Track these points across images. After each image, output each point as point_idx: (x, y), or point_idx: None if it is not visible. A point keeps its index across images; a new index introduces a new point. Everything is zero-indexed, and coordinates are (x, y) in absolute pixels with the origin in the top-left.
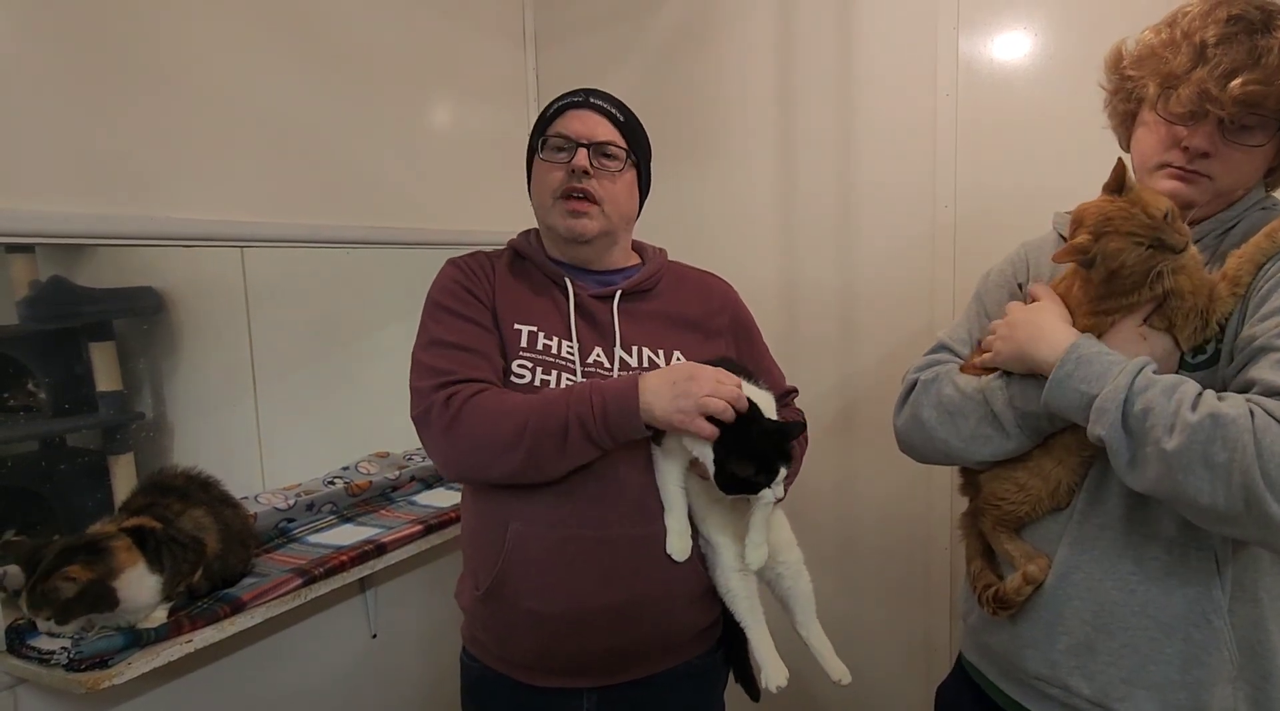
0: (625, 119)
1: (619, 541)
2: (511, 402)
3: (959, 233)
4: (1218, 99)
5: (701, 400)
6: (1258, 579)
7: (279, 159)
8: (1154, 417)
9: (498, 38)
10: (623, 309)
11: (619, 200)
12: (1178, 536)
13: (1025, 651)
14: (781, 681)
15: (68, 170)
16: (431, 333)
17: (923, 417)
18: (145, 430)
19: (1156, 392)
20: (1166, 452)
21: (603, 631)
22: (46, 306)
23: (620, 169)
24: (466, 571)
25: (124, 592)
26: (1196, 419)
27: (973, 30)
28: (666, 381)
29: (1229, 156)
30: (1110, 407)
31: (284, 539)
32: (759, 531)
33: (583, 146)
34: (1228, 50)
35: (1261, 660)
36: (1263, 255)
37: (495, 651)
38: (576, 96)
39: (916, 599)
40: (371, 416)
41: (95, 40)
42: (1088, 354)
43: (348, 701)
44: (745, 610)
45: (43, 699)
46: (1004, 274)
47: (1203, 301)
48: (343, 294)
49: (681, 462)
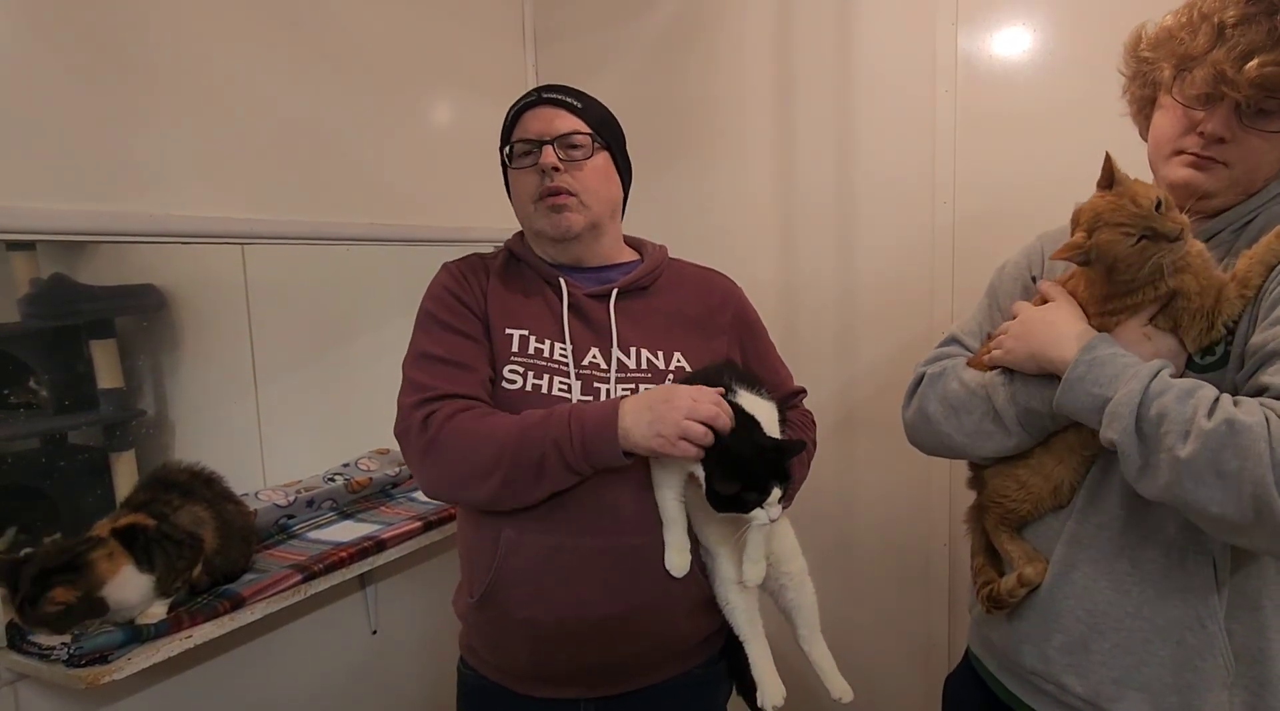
0: (584, 104)
1: (615, 551)
2: (489, 427)
3: (958, 229)
4: (1234, 81)
5: (680, 424)
6: (1261, 587)
7: (280, 156)
8: (1168, 423)
9: (498, 36)
10: (620, 308)
11: (596, 187)
12: (1176, 539)
13: (1022, 646)
14: (778, 700)
15: (69, 167)
16: (419, 345)
17: (928, 411)
18: (146, 427)
19: (1171, 398)
20: (1180, 460)
21: (599, 642)
22: (47, 304)
23: (589, 155)
24: (462, 578)
25: (113, 598)
26: (1212, 426)
27: (972, 26)
28: (644, 406)
29: (1246, 142)
30: (1124, 412)
31: (284, 535)
32: (756, 547)
33: (546, 143)
34: (1246, 31)
35: (1261, 667)
36: (1274, 256)
37: (490, 660)
38: (529, 97)
39: (916, 595)
40: (372, 413)
41: (95, 37)
42: (1102, 355)
43: (347, 697)
44: (744, 623)
45: (43, 694)
46: (1019, 266)
47: (1210, 302)
48: (343, 291)
49: (679, 477)
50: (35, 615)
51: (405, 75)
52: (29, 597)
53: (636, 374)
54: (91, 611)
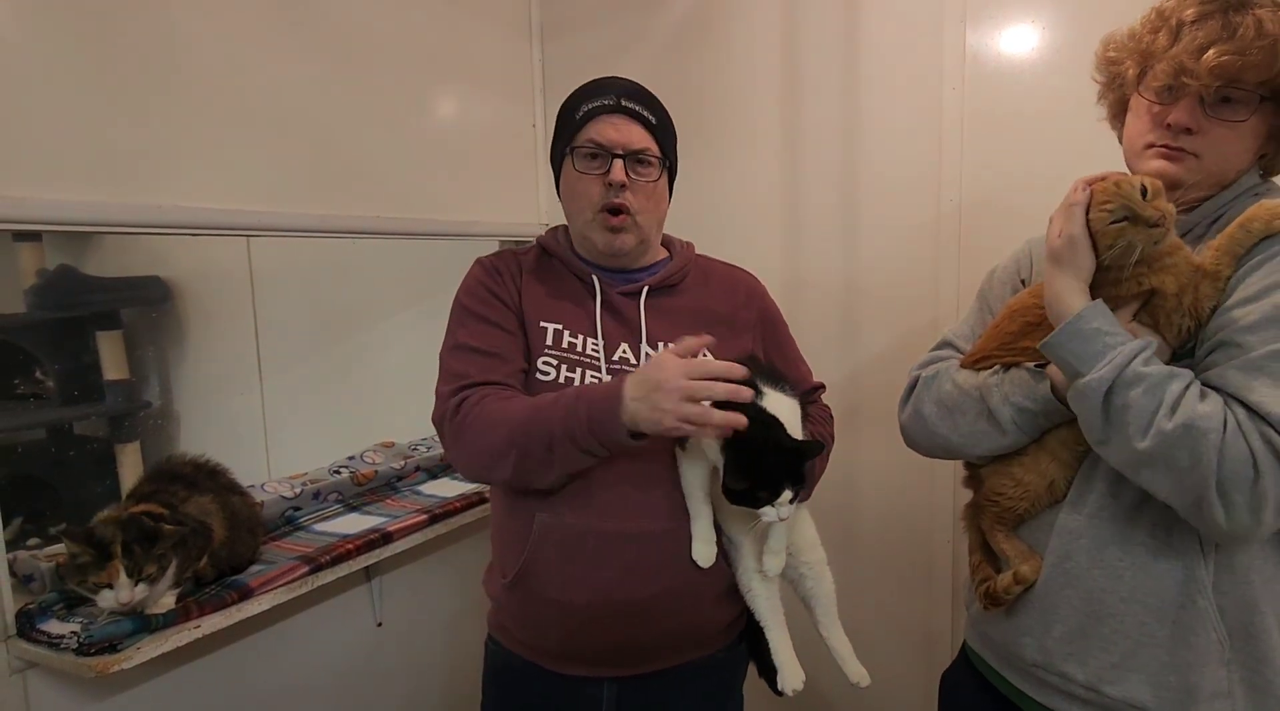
0: (657, 120)
1: (643, 536)
2: (507, 410)
3: (964, 227)
4: (1193, 70)
5: (679, 409)
6: (1249, 561)
7: (286, 149)
8: (1132, 414)
9: (504, 29)
10: (650, 305)
11: (652, 208)
12: (1160, 519)
13: (1023, 639)
14: (798, 685)
15: (75, 158)
16: (455, 336)
17: (924, 413)
18: (152, 418)
19: (1140, 392)
20: (1137, 450)
21: (626, 624)
22: (54, 295)
23: (655, 178)
24: (495, 560)
25: None
26: (1171, 427)
27: (979, 23)
28: (642, 389)
29: (1212, 132)
30: (1090, 395)
31: (290, 527)
32: (778, 539)
33: (618, 157)
34: (1203, 26)
35: (1256, 641)
36: (1239, 246)
37: (520, 638)
38: (607, 99)
39: (919, 590)
40: (377, 406)
41: (102, 29)
42: (1087, 329)
43: (352, 688)
44: (765, 610)
45: (52, 682)
46: (1008, 271)
47: (1189, 300)
48: (348, 283)
49: (704, 467)
50: (151, 553)
51: (411, 68)
52: (139, 535)
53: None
54: (203, 535)
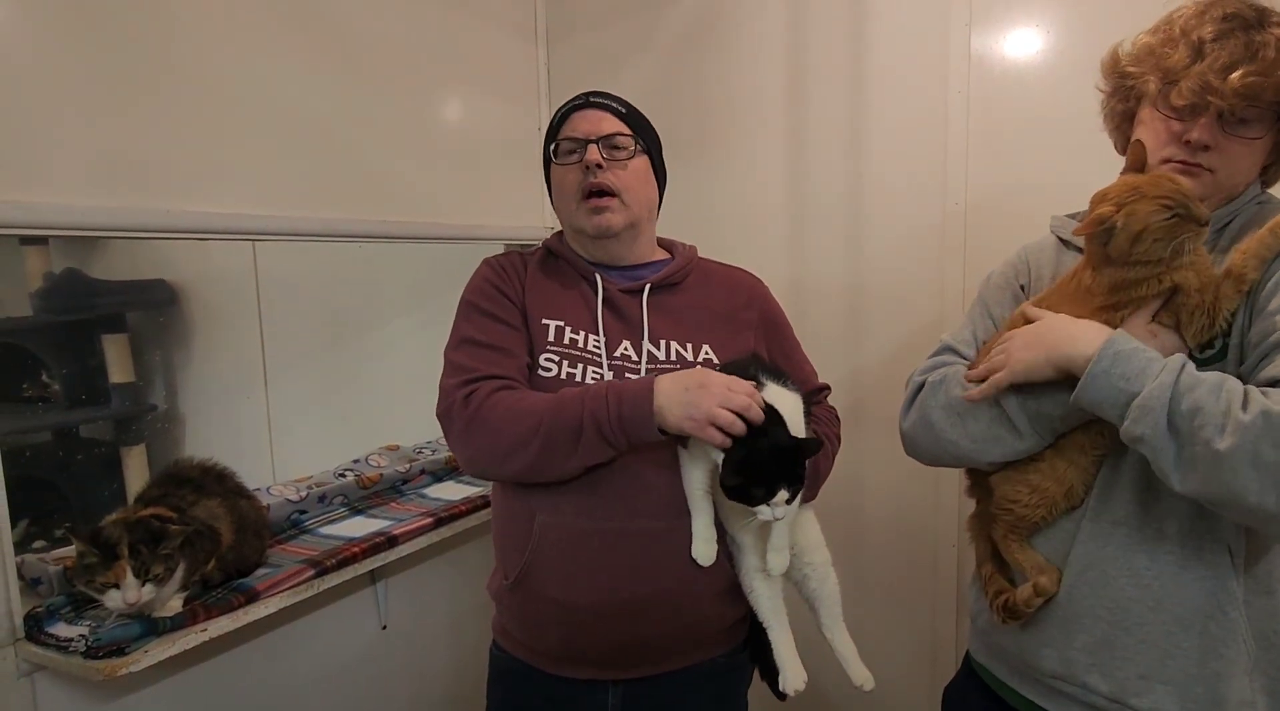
0: (627, 110)
1: (644, 534)
2: (529, 401)
3: (969, 230)
4: (1219, 90)
5: (711, 410)
6: (1271, 571)
7: (291, 153)
8: (1203, 417)
9: (510, 33)
10: (652, 303)
11: (636, 187)
12: (1190, 529)
13: (1042, 650)
14: (800, 685)
15: (81, 163)
16: (462, 332)
17: (932, 419)
18: (158, 422)
19: (1204, 391)
20: (1219, 453)
21: (627, 623)
22: (60, 298)
23: (630, 156)
24: (497, 561)
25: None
26: (1249, 419)
27: (984, 28)
28: (679, 387)
29: (1229, 149)
30: (1155, 406)
31: (296, 530)
32: (780, 537)
33: (591, 142)
34: (1225, 45)
35: (1277, 650)
36: (1268, 250)
37: (522, 641)
38: (577, 100)
39: (923, 597)
40: (382, 409)
41: (108, 34)
42: (1126, 350)
43: (357, 690)
44: (768, 611)
45: (60, 685)
46: (1005, 276)
47: (1209, 298)
48: (354, 287)
49: (706, 466)
50: (154, 533)
51: (417, 71)
52: (149, 536)
53: (666, 365)
54: (211, 538)
